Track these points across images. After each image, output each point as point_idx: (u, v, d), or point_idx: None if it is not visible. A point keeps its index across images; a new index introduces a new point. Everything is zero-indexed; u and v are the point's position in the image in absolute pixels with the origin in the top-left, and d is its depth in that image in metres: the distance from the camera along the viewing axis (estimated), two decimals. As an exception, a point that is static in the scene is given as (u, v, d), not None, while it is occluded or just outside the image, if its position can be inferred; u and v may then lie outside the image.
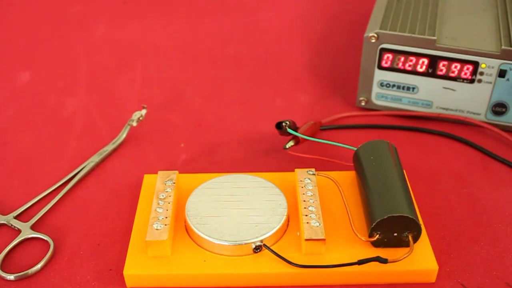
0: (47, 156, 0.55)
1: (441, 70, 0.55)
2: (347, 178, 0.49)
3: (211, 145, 0.56)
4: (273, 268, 0.42)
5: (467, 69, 0.54)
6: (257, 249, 0.43)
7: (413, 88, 0.57)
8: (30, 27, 0.76)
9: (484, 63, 0.53)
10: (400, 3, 0.59)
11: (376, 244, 0.43)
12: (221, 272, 0.42)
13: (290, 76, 0.66)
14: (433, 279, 0.43)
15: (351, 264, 0.41)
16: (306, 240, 0.42)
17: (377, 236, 0.42)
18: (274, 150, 0.55)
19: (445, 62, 0.54)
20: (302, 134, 0.52)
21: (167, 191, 0.46)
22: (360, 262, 0.41)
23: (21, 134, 0.58)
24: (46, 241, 0.46)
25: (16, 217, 0.48)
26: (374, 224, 0.42)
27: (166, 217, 0.44)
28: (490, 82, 0.54)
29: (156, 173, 0.49)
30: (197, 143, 0.56)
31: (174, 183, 0.47)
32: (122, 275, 0.43)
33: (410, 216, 0.41)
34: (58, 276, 0.44)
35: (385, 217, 0.41)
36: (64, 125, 0.59)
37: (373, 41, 0.55)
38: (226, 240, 0.42)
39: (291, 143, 0.51)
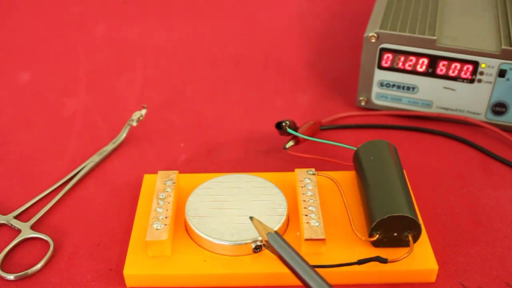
0: (47, 156, 0.55)
1: (441, 70, 0.55)
2: (347, 178, 0.49)
3: (211, 145, 0.56)
4: (273, 268, 0.42)
5: (467, 69, 0.54)
6: (257, 249, 0.43)
7: (413, 88, 0.57)
8: (30, 27, 0.76)
9: (484, 63, 0.53)
10: (400, 3, 0.59)
11: (376, 244, 0.43)
12: (221, 272, 0.42)
13: (290, 76, 0.66)
14: (433, 279, 0.43)
15: (351, 264, 0.41)
16: (306, 240, 0.42)
17: (377, 236, 0.42)
18: (274, 150, 0.55)
19: (445, 62, 0.54)
20: (302, 134, 0.52)
21: (167, 191, 0.46)
22: (360, 262, 0.41)
23: (21, 134, 0.58)
24: (46, 241, 0.46)
25: (16, 217, 0.48)
26: (374, 224, 0.42)
27: (166, 217, 0.44)
28: (490, 82, 0.54)
29: (156, 173, 0.49)
30: (197, 143, 0.56)
31: (174, 183, 0.47)
32: (122, 275, 0.43)
33: (410, 216, 0.41)
34: (58, 276, 0.44)
35: (385, 217, 0.41)
36: (64, 125, 0.59)
37: (373, 41, 0.55)
38: (226, 240, 0.42)
39: (291, 143, 0.51)
